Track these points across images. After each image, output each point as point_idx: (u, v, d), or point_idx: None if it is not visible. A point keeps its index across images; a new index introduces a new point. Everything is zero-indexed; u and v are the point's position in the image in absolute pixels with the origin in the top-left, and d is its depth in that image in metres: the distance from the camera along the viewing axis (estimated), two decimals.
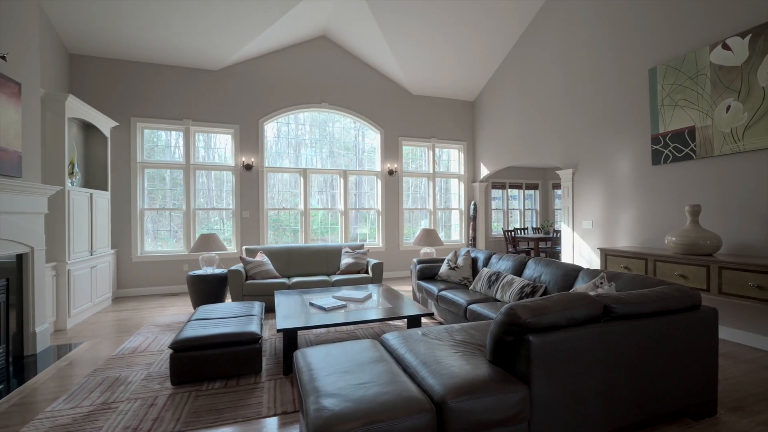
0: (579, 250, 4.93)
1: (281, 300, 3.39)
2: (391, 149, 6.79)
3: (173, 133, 5.66)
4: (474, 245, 7.22)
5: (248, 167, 5.84)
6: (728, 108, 3.26)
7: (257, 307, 3.29)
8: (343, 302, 3.18)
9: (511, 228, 9.30)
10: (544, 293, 3.00)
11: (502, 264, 3.68)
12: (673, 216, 3.78)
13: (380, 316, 2.80)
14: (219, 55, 5.45)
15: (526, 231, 8.88)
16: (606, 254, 3.91)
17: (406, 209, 7.01)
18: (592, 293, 2.25)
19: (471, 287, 3.70)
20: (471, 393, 1.51)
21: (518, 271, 3.45)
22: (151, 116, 5.43)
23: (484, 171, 7.11)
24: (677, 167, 3.73)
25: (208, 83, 5.69)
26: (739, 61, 3.18)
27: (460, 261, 4.13)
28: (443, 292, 3.64)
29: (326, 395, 1.52)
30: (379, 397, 1.48)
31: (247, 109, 5.89)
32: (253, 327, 2.69)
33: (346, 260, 4.92)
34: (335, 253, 5.15)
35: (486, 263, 3.96)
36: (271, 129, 6.17)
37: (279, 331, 2.52)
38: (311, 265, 5.00)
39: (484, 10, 5.35)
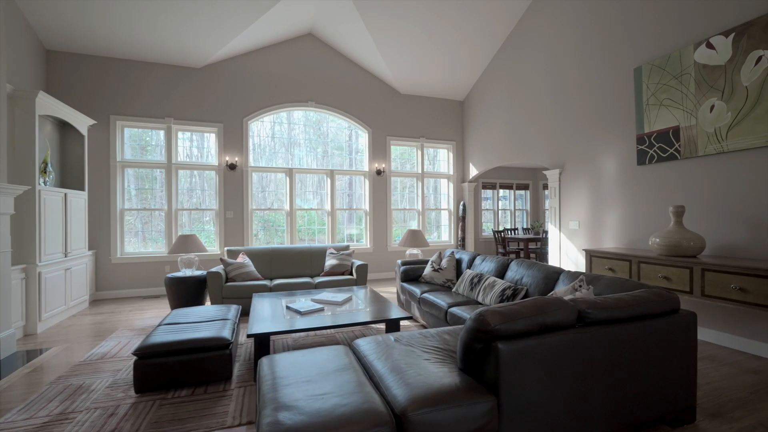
0: (566, 251, 4.89)
1: (258, 303, 3.30)
2: (379, 149, 6.71)
3: (155, 131, 5.53)
4: (463, 246, 7.16)
5: (232, 167, 5.73)
6: (712, 108, 3.22)
7: (233, 310, 3.20)
8: (320, 305, 3.09)
9: (500, 229, 9.27)
10: (525, 296, 2.93)
11: (485, 266, 3.62)
12: (657, 217, 3.74)
13: (356, 321, 2.72)
14: (202, 53, 5.34)
15: (516, 231, 8.85)
16: (591, 255, 3.86)
17: (395, 210, 6.94)
18: (570, 297, 2.19)
19: (454, 289, 3.63)
20: (434, 404, 1.43)
21: (501, 273, 3.38)
22: (132, 114, 5.30)
23: (473, 171, 7.05)
24: (662, 167, 3.69)
25: (191, 81, 5.57)
26: (722, 60, 3.14)
27: (444, 262, 4.06)
28: (425, 295, 3.57)
29: (282, 407, 1.44)
30: (336, 409, 1.40)
31: (231, 108, 5.78)
32: (224, 332, 2.60)
33: (330, 261, 4.83)
34: (320, 254, 5.05)
35: (470, 265, 3.90)
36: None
37: (249, 336, 2.43)
38: (295, 267, 4.91)
39: (471, 9, 5.29)
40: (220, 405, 2.22)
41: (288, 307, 3.10)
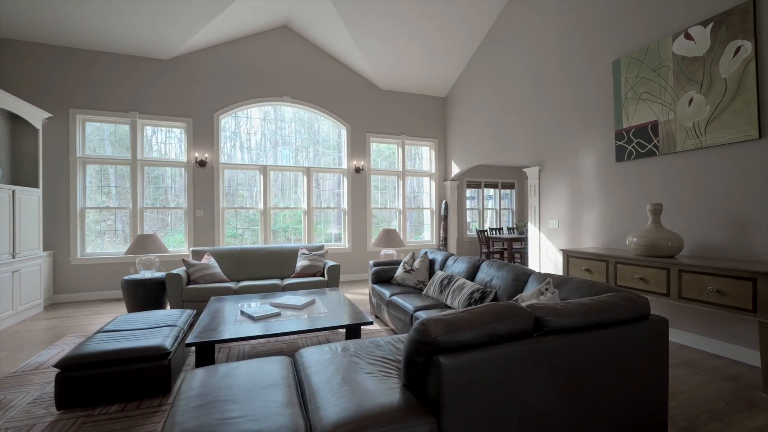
0: (546, 251, 4.74)
1: (212, 307, 3.08)
2: (358, 146, 6.51)
3: (119, 126, 5.26)
4: (445, 246, 6.99)
5: (202, 163, 5.48)
6: (691, 101, 3.08)
7: (185, 316, 2.97)
8: (277, 310, 2.89)
9: (484, 228, 9.13)
10: (494, 299, 2.76)
11: (457, 266, 3.44)
12: (636, 215, 3.60)
13: (309, 327, 2.51)
14: (168, 43, 5.08)
15: (501, 231, 8.72)
16: (568, 256, 3.71)
17: (375, 209, 6.74)
18: (533, 301, 2.02)
19: (424, 292, 3.44)
20: (362, 428, 1.24)
21: (471, 274, 3.20)
22: (94, 108, 5.02)
23: (455, 169, 6.89)
24: (640, 164, 3.55)
25: (158, 73, 5.31)
26: (701, 51, 3.00)
27: (416, 263, 3.87)
28: (394, 297, 3.38)
29: None
30: None
31: (201, 102, 5.53)
32: (163, 341, 2.37)
33: (301, 262, 4.62)
34: (291, 254, 4.83)
35: (442, 265, 3.72)
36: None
37: (187, 345, 2.21)
38: (265, 268, 4.68)
39: (450, 3, 5.11)
40: (150, 422, 2.00)
41: (242, 312, 2.88)
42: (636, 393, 1.75)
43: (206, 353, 2.35)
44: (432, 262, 3.93)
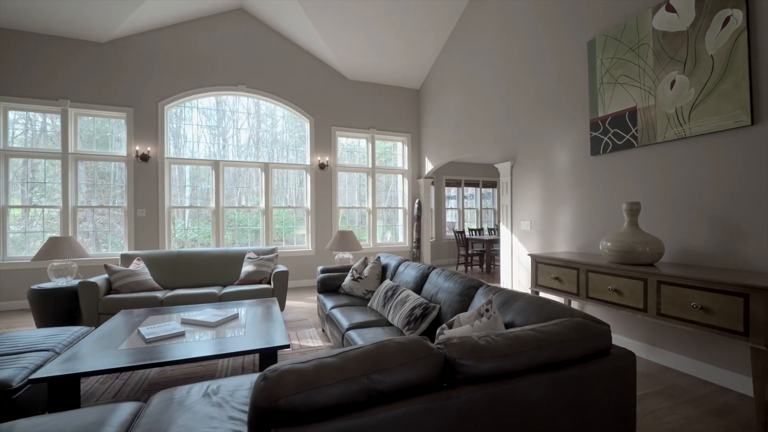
0: (518, 255, 4.30)
1: (112, 324, 2.58)
2: (322, 140, 6.03)
3: (49, 116, 4.72)
4: (418, 248, 6.54)
5: (144, 158, 4.95)
6: (673, 83, 2.66)
7: (72, 337, 2.47)
8: (182, 329, 2.40)
9: (462, 229, 8.72)
10: (438, 317, 2.30)
11: (407, 274, 2.98)
12: (613, 215, 3.17)
13: (193, 356, 2.01)
14: (104, 24, 4.55)
15: (481, 232, 8.30)
16: (537, 262, 3.27)
17: (342, 208, 6.26)
18: (466, 327, 1.57)
19: (369, 304, 2.98)
20: None
21: (419, 284, 2.75)
22: (17, 94, 4.48)
23: (429, 166, 6.43)
24: (617, 157, 3.12)
25: (93, 58, 4.78)
26: (684, 24, 2.57)
27: (366, 270, 3.41)
28: (333, 311, 2.91)
29: None
30: None
31: (144, 90, 5.01)
32: (14, 373, 1.87)
33: (246, 268, 4.13)
34: (238, 259, 4.34)
35: (394, 273, 3.26)
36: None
37: (32, 382, 1.72)
38: (206, 275, 4.18)
39: None
40: None
41: (138, 332, 2.39)
42: None
43: (65, 391, 1.85)
44: (384, 269, 3.47)
